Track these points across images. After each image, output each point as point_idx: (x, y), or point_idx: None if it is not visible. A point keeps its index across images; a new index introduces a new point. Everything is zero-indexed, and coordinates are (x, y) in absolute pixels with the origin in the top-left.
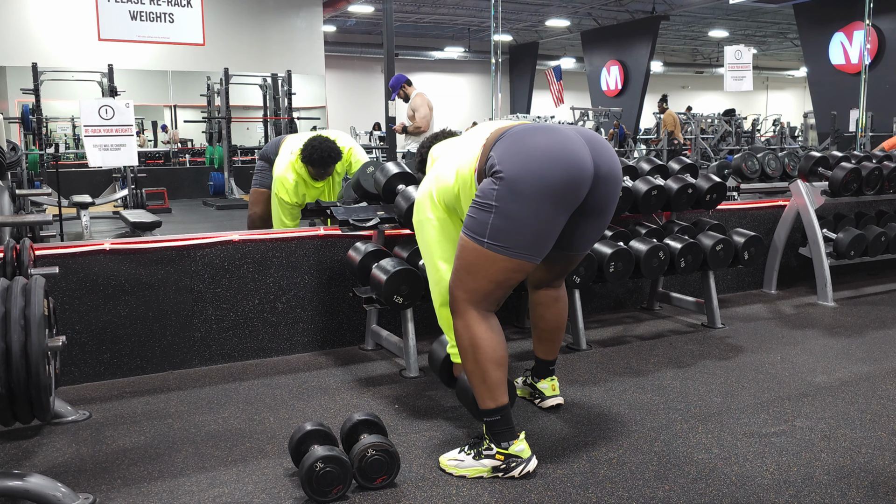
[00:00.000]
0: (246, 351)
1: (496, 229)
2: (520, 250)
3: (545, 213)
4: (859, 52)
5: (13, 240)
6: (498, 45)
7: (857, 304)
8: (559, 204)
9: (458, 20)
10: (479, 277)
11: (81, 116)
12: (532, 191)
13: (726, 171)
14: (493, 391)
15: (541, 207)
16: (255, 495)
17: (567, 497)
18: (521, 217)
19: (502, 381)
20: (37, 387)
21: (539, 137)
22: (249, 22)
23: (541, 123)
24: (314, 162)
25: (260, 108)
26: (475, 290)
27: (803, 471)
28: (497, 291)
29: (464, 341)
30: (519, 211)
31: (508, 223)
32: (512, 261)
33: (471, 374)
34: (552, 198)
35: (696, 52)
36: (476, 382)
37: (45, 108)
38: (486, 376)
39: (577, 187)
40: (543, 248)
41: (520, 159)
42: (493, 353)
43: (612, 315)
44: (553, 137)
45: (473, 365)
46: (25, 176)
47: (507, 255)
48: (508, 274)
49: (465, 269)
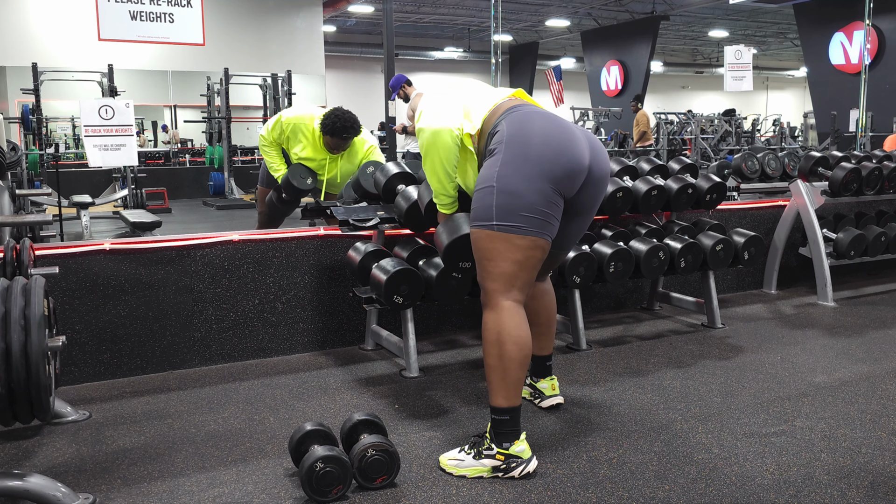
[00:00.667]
0: (246, 351)
1: (501, 209)
2: (529, 226)
3: (547, 193)
4: (859, 52)
5: (13, 240)
6: (498, 45)
7: (857, 304)
8: (557, 187)
9: (458, 20)
10: (499, 261)
11: (81, 116)
12: (535, 171)
13: (726, 171)
14: (509, 391)
15: (543, 186)
16: (255, 495)
17: (567, 497)
18: (524, 195)
19: (521, 381)
20: (37, 387)
21: (543, 122)
22: (249, 22)
23: (545, 110)
24: (335, 131)
25: (260, 108)
26: (501, 275)
27: (803, 471)
28: (523, 274)
29: (491, 334)
30: (519, 187)
31: (512, 200)
32: (525, 238)
33: (491, 368)
34: (552, 179)
35: (696, 52)
36: (495, 378)
37: (45, 108)
38: (507, 374)
39: (573, 176)
40: (551, 227)
41: (524, 140)
42: (518, 353)
43: (612, 315)
44: (557, 125)
45: (497, 360)
46: (25, 176)
47: (518, 234)
48: (528, 252)
49: (486, 258)
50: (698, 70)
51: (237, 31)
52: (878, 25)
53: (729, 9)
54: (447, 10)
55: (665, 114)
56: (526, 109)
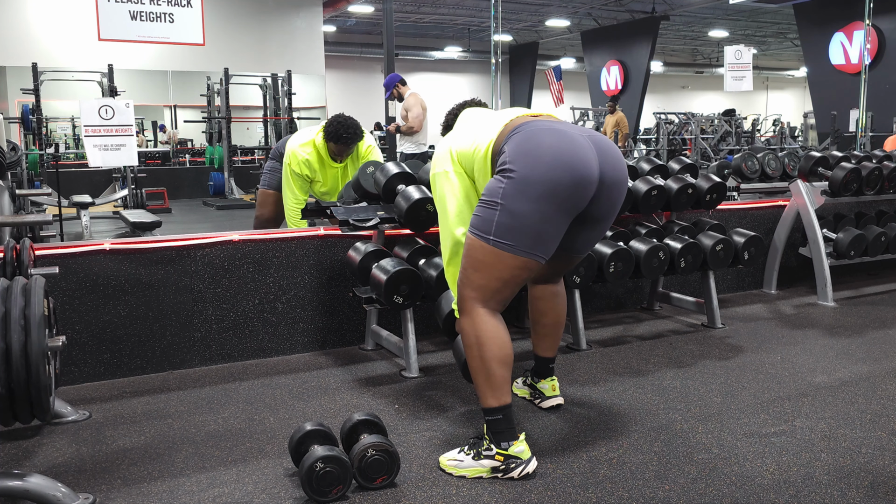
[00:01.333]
0: (246, 351)
1: (501, 227)
2: (525, 248)
3: (549, 215)
4: (859, 52)
5: (13, 240)
6: (498, 45)
7: (857, 304)
8: (562, 207)
9: (458, 20)
10: (486, 275)
11: (81, 116)
12: (538, 192)
13: (726, 171)
14: (497, 390)
15: (545, 209)
16: (255, 495)
17: (567, 497)
18: (526, 216)
19: (506, 380)
20: (37, 387)
21: (549, 139)
22: (249, 22)
23: (554, 123)
24: (339, 138)
25: (260, 108)
26: (483, 287)
27: (803, 471)
28: (504, 290)
29: (469, 338)
30: (524, 210)
31: (513, 221)
32: (518, 258)
33: (475, 371)
34: (556, 201)
35: (696, 52)
36: (480, 380)
37: (45, 108)
38: (491, 374)
39: (581, 194)
40: (548, 249)
41: (528, 161)
42: (498, 352)
43: (612, 315)
44: (563, 141)
45: (478, 362)
46: (25, 176)
47: (512, 253)
48: (515, 272)
49: (473, 268)
50: (698, 70)
51: (237, 31)
52: (878, 25)
53: (729, 9)
54: (447, 10)
55: (665, 114)
56: (531, 128)
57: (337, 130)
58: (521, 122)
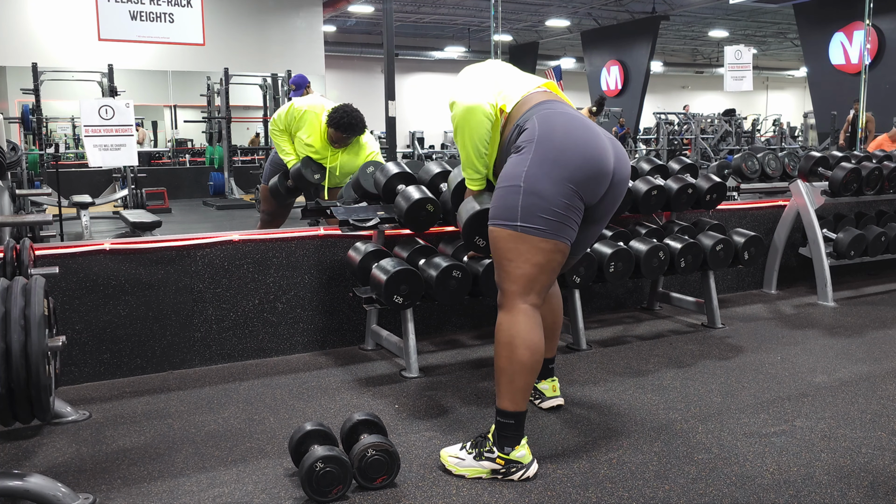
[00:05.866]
0: (246, 351)
1: (526, 210)
2: (552, 230)
3: (570, 196)
4: (859, 52)
5: (13, 240)
6: (498, 45)
7: (857, 304)
8: (581, 191)
9: (458, 20)
10: (521, 263)
11: (81, 116)
12: (562, 176)
13: (726, 171)
14: (516, 395)
15: (567, 190)
16: (255, 495)
17: (567, 497)
18: (549, 196)
19: (529, 387)
20: (37, 387)
21: (573, 125)
22: (249, 22)
23: (573, 112)
24: (339, 125)
25: (260, 108)
26: (521, 277)
27: (803, 471)
28: (542, 277)
29: (504, 336)
30: (546, 189)
31: (538, 201)
32: (547, 241)
33: (500, 370)
34: (576, 184)
35: (696, 52)
36: (503, 380)
37: (45, 108)
38: (515, 379)
39: (599, 181)
40: (571, 231)
41: (552, 143)
42: (529, 358)
43: (612, 315)
44: (585, 128)
45: (506, 363)
46: (25, 176)
47: (542, 236)
48: (548, 255)
49: (507, 258)
50: (698, 70)
51: (237, 31)
52: (878, 25)
53: (729, 9)
54: (447, 10)
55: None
56: (557, 108)
57: (340, 118)
58: (545, 98)
